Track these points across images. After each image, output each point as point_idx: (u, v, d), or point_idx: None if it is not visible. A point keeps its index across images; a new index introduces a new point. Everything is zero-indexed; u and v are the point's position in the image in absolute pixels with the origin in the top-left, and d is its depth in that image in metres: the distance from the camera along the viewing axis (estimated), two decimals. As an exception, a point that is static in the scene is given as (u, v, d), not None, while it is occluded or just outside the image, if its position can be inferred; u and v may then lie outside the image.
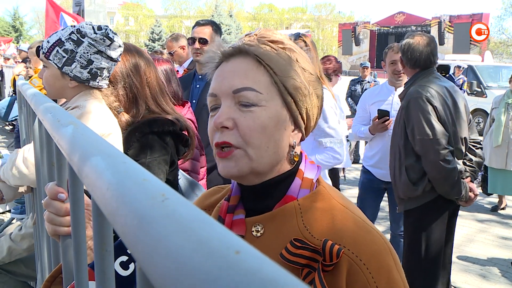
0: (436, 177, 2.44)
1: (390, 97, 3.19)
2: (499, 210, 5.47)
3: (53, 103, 0.91)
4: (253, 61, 0.77)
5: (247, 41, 0.79)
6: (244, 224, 0.80)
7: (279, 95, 0.77)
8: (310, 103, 0.80)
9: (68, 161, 0.51)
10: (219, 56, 0.81)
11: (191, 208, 0.24)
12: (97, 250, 0.47)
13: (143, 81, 1.68)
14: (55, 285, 0.83)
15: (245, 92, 0.75)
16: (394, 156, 2.64)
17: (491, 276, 3.73)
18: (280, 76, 0.76)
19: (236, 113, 0.75)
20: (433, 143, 2.39)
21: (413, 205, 2.56)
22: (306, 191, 0.80)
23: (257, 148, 0.75)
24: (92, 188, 0.36)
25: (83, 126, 0.55)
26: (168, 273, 0.21)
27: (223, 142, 0.75)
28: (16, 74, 5.48)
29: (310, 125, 0.83)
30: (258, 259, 0.18)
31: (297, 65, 0.79)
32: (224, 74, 0.78)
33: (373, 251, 0.73)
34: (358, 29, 30.36)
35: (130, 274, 0.78)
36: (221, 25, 6.48)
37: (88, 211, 0.81)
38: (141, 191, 0.28)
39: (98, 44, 1.49)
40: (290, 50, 0.80)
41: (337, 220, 0.76)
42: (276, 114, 0.76)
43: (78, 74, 1.51)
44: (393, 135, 2.66)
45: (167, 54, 3.53)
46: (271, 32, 0.81)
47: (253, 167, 0.76)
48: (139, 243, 0.25)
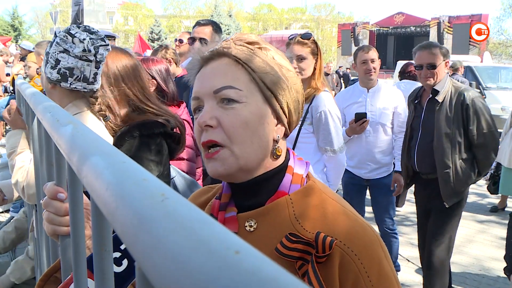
0: (489, 163, 2.82)
1: (362, 98, 3.25)
2: (498, 210, 5.46)
3: (52, 103, 0.91)
4: (231, 62, 0.80)
5: (224, 44, 0.82)
6: (237, 221, 0.81)
7: (259, 91, 0.79)
8: (290, 97, 0.82)
9: (67, 161, 0.51)
10: (198, 61, 0.83)
11: (191, 207, 0.24)
12: (96, 249, 0.47)
13: (131, 82, 1.65)
14: (49, 285, 0.83)
15: (225, 90, 0.77)
16: (446, 155, 2.77)
17: (490, 277, 3.73)
18: (258, 73, 0.79)
19: (219, 111, 0.77)
20: (496, 134, 2.77)
21: (459, 197, 2.82)
22: (297, 186, 0.82)
23: (241, 144, 0.77)
24: (92, 188, 0.36)
25: (82, 126, 0.55)
26: (167, 273, 0.21)
27: (208, 141, 0.77)
28: (15, 74, 5.46)
29: (292, 119, 0.85)
30: (257, 259, 0.18)
31: (273, 62, 0.81)
32: (204, 76, 0.81)
33: (364, 242, 0.76)
34: (358, 30, 30.36)
35: (123, 271, 0.78)
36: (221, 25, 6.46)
37: (87, 210, 0.80)
38: (141, 190, 0.28)
39: (62, 42, 1.46)
40: (265, 49, 0.82)
41: (328, 213, 0.78)
42: (257, 109, 0.78)
43: (49, 75, 1.49)
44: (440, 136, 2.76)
45: (172, 49, 3.51)
46: (247, 35, 0.84)
47: (240, 165, 0.78)
48: (138, 242, 0.25)
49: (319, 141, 2.42)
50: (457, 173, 2.78)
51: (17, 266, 2.03)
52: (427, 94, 2.91)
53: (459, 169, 2.78)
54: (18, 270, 2.01)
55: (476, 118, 2.72)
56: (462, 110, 2.73)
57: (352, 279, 0.74)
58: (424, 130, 2.88)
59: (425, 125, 2.88)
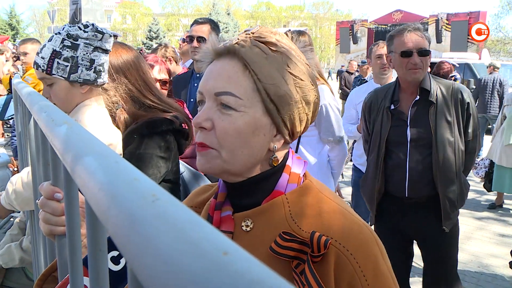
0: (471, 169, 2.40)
1: None
2: (496, 207, 5.48)
3: (48, 102, 0.91)
4: (240, 65, 0.77)
5: (241, 40, 0.79)
6: (232, 221, 0.81)
7: (261, 102, 0.77)
8: (296, 110, 0.79)
9: (62, 161, 0.50)
10: (211, 53, 0.82)
11: (182, 208, 0.24)
12: (91, 250, 0.46)
13: (139, 77, 1.67)
14: (48, 284, 0.83)
15: (225, 96, 0.76)
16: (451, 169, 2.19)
17: (489, 274, 3.74)
18: (264, 83, 0.76)
19: (216, 114, 0.77)
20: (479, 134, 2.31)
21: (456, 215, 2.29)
22: (293, 186, 0.81)
23: (230, 151, 0.76)
24: (85, 188, 0.36)
25: (77, 126, 0.55)
26: (157, 274, 0.21)
27: (199, 143, 0.78)
28: (5, 73, 5.44)
29: (296, 130, 0.82)
30: (246, 260, 0.18)
31: (285, 71, 0.78)
32: (211, 73, 0.79)
33: (359, 241, 0.75)
34: (356, 27, 30.33)
35: (121, 269, 0.78)
36: (219, 23, 6.44)
37: (83, 209, 0.80)
38: (132, 191, 0.28)
39: (92, 41, 1.47)
40: (282, 54, 0.78)
41: (324, 213, 0.78)
42: (254, 121, 0.77)
43: (87, 77, 1.49)
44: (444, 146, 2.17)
45: (172, 47, 3.51)
46: (269, 32, 0.81)
47: (225, 168, 0.78)
48: (129, 243, 0.25)
49: (321, 133, 2.49)
50: (461, 188, 2.23)
51: (7, 251, 2.03)
52: (410, 95, 2.24)
53: (463, 183, 2.25)
54: (8, 255, 2.01)
55: (472, 119, 2.23)
56: (463, 111, 2.20)
57: (347, 278, 0.73)
58: (415, 143, 2.22)
59: (415, 136, 2.22)
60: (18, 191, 1.58)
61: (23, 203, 1.61)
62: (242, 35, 0.81)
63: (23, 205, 1.63)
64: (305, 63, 0.82)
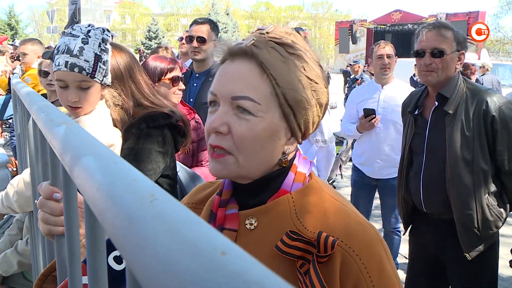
0: None
1: (376, 95, 3.24)
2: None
3: (47, 102, 0.91)
4: (258, 68, 0.75)
5: (257, 40, 0.76)
6: (238, 219, 0.81)
7: (278, 107, 0.76)
8: (310, 113, 0.79)
9: (61, 161, 0.50)
10: (225, 52, 0.79)
11: (180, 208, 0.24)
12: (90, 250, 0.46)
13: (135, 77, 1.67)
14: (47, 284, 0.83)
15: (243, 101, 0.74)
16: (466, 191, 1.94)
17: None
18: (282, 88, 0.75)
19: (232, 118, 0.75)
20: None
21: (488, 243, 2.01)
22: (299, 185, 0.81)
23: (248, 155, 0.76)
24: (83, 189, 0.36)
25: (76, 126, 0.55)
26: (155, 274, 0.21)
27: (216, 146, 0.76)
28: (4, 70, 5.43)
29: (308, 132, 0.83)
30: (244, 260, 0.18)
31: (302, 75, 0.76)
32: (226, 75, 0.77)
33: (365, 241, 0.75)
34: (355, 27, 30.37)
35: (124, 269, 0.78)
36: (218, 23, 6.46)
37: (82, 209, 0.80)
38: (130, 191, 0.28)
39: (107, 44, 1.49)
40: (298, 56, 0.77)
41: (330, 213, 0.78)
42: (271, 126, 0.76)
43: (109, 80, 1.52)
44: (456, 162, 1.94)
45: (171, 49, 3.51)
46: (284, 32, 0.79)
47: (241, 174, 0.77)
48: (127, 243, 0.25)
49: None
50: (484, 214, 1.94)
51: (4, 259, 2.04)
52: (432, 100, 2.06)
53: (486, 209, 1.94)
54: (6, 263, 2.02)
55: (507, 134, 1.89)
56: (486, 124, 1.89)
57: (353, 279, 0.73)
58: (431, 154, 2.04)
59: (431, 147, 2.04)
60: (20, 192, 1.58)
61: (26, 204, 1.61)
62: (257, 34, 0.78)
63: (25, 206, 1.63)
64: (318, 65, 0.81)
